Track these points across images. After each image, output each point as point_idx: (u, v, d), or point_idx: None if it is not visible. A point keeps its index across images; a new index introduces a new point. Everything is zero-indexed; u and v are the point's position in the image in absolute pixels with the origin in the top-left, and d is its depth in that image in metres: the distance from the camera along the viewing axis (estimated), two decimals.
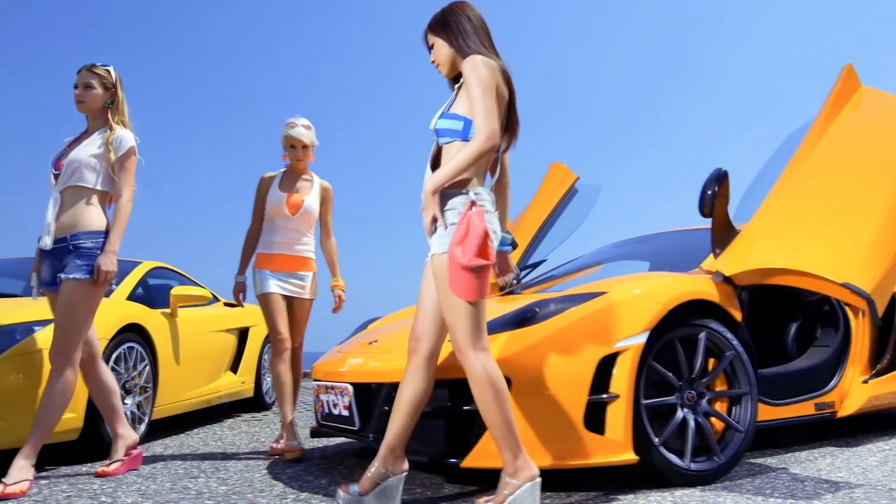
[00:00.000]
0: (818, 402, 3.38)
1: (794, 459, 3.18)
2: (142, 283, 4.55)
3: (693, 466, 2.64)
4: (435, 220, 2.20)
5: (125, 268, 4.67)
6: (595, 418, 2.49)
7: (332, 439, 4.10)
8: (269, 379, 6.45)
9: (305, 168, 3.85)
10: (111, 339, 3.60)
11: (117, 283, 4.31)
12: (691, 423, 2.69)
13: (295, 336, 3.78)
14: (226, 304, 5.72)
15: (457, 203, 2.19)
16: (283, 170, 3.86)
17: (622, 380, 2.51)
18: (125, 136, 3.02)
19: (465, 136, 2.24)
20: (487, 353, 2.18)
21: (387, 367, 2.74)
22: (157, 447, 4.00)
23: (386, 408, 2.70)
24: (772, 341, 3.89)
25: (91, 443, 3.45)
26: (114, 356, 3.64)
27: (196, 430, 4.78)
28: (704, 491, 2.56)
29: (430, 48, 2.45)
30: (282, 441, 3.66)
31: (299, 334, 3.82)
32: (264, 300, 3.68)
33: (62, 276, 2.88)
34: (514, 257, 4.84)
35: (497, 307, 3.43)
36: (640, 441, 2.53)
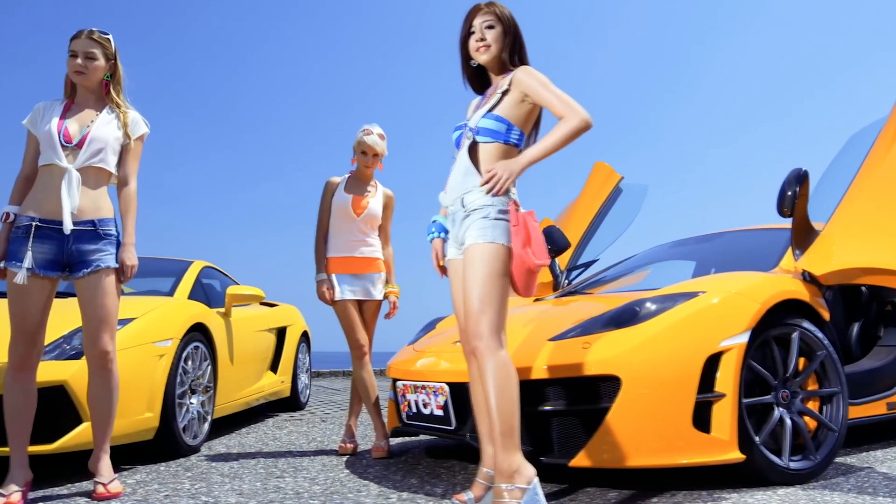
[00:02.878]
0: (890, 401, 3.41)
1: (874, 459, 3.20)
2: (197, 282, 4.53)
3: (792, 465, 2.66)
4: (495, 186, 2.20)
5: (178, 266, 4.66)
6: (700, 417, 2.50)
7: (392, 438, 4.10)
8: (303, 378, 6.45)
9: (371, 175, 3.89)
10: (182, 339, 3.59)
11: (176, 282, 4.30)
12: (788, 423, 2.70)
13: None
14: (261, 304, 5.72)
15: (497, 201, 2.27)
16: (347, 175, 3.89)
17: (727, 379, 2.52)
18: (140, 121, 2.86)
19: (506, 138, 2.34)
20: (505, 343, 2.23)
21: None
22: (219, 447, 3.99)
23: None
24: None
25: (165, 442, 3.44)
26: (183, 355, 3.62)
27: (243, 431, 4.76)
28: (807, 490, 2.57)
29: (486, 27, 2.42)
30: (350, 441, 3.75)
31: (369, 335, 3.83)
32: (338, 309, 3.71)
33: (101, 264, 2.66)
34: (565, 257, 4.87)
35: (566, 307, 3.45)
36: (741, 440, 2.55)
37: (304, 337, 6.47)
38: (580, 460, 2.46)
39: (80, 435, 2.86)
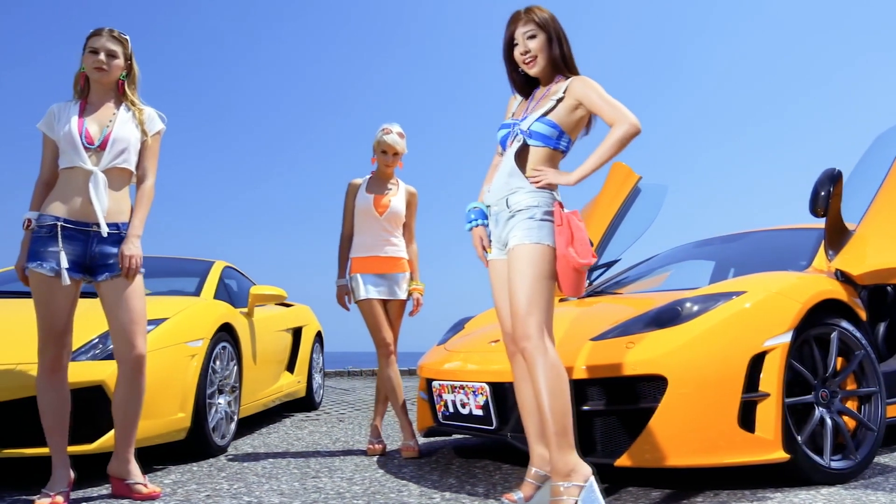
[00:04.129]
0: None
1: None
2: (220, 282, 4.52)
3: (833, 465, 2.66)
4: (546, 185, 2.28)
5: (200, 267, 4.66)
6: (744, 417, 2.50)
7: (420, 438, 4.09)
8: (317, 378, 6.45)
9: (392, 174, 3.89)
10: (211, 339, 3.58)
11: (201, 282, 4.29)
12: (828, 422, 2.71)
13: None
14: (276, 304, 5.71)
15: (543, 202, 2.29)
16: (369, 176, 3.89)
17: (771, 378, 2.52)
18: (156, 117, 2.82)
19: (556, 144, 2.36)
20: (553, 343, 2.23)
21: None
22: (245, 447, 3.98)
23: None
24: None
25: (196, 442, 3.44)
26: (213, 355, 3.62)
27: (263, 431, 4.75)
28: (850, 490, 2.58)
29: (528, 37, 2.42)
30: (378, 442, 3.74)
31: (394, 334, 3.82)
32: (363, 307, 3.71)
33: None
34: None
35: (597, 307, 3.45)
36: (785, 440, 2.55)
37: (318, 337, 6.46)
38: (625, 460, 2.47)
39: None
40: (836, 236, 3.21)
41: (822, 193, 3.19)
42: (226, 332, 3.85)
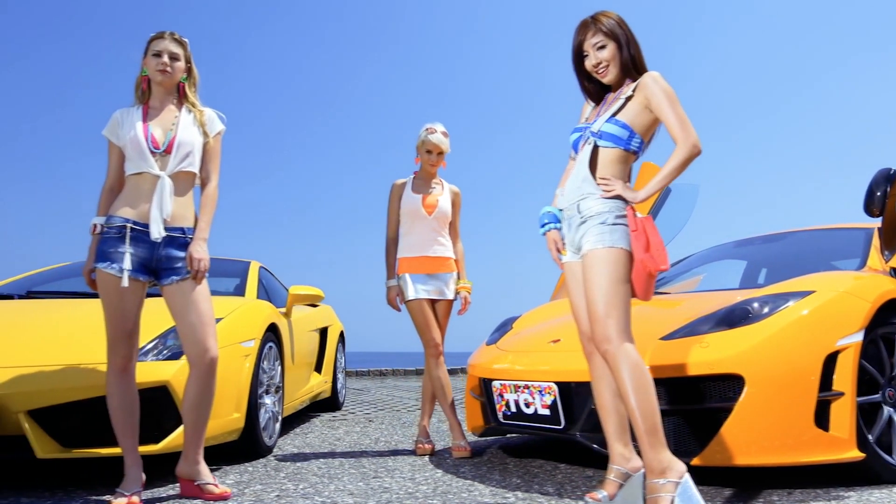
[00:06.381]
0: None
1: None
2: (260, 282, 4.50)
3: None
4: (616, 196, 2.29)
5: (237, 267, 4.64)
6: (818, 416, 2.51)
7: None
8: (340, 378, 6.43)
9: (436, 173, 3.88)
10: (261, 339, 3.56)
11: (242, 283, 4.27)
12: None
13: None
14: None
15: (614, 207, 2.29)
16: (412, 176, 3.88)
17: (845, 377, 2.53)
18: (216, 118, 2.82)
19: (627, 145, 2.34)
20: (633, 344, 2.23)
21: None
22: (289, 447, 3.96)
23: (595, 406, 2.71)
24: None
25: (248, 442, 3.42)
26: (262, 355, 3.60)
27: (297, 431, 4.73)
28: None
29: (598, 48, 2.43)
30: (428, 442, 3.73)
31: (441, 334, 3.81)
32: (413, 307, 3.70)
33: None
34: None
35: (652, 307, 3.45)
36: (858, 438, 2.55)
37: (341, 337, 6.45)
38: (702, 459, 2.47)
39: (182, 436, 2.82)
40: (893, 235, 3.22)
41: (878, 193, 3.21)
42: (271, 333, 3.84)
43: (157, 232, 2.55)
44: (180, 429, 2.80)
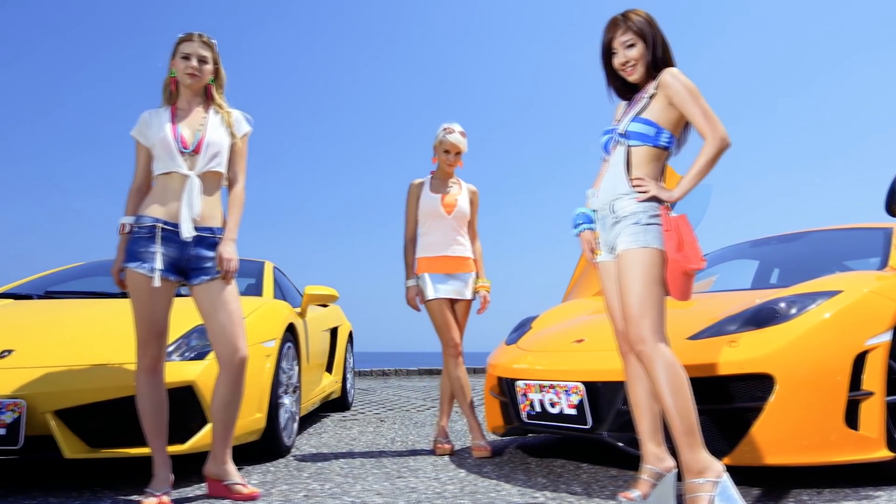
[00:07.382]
0: None
1: None
2: (275, 282, 4.50)
3: None
4: (651, 197, 2.28)
5: (251, 267, 4.63)
6: (848, 416, 2.51)
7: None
8: (349, 378, 6.43)
9: (453, 173, 3.88)
10: (281, 339, 3.56)
11: (258, 283, 4.26)
12: None
13: None
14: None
15: (648, 207, 2.30)
16: (429, 176, 3.89)
17: (875, 377, 2.53)
18: (243, 119, 2.83)
19: (655, 141, 2.35)
20: (668, 344, 2.23)
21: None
22: (306, 447, 3.95)
23: (623, 406, 2.72)
24: None
25: (269, 442, 3.41)
26: (282, 355, 3.59)
27: (311, 431, 4.72)
28: None
29: (628, 46, 2.44)
30: (447, 441, 3.72)
31: (460, 334, 3.81)
32: (432, 307, 3.70)
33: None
34: None
35: (677, 308, 3.45)
36: (887, 438, 2.56)
37: (350, 337, 6.45)
38: (731, 459, 2.47)
39: (209, 435, 2.82)
40: None
41: None
42: (289, 333, 3.83)
43: (187, 231, 2.55)
44: (206, 429, 2.80)
